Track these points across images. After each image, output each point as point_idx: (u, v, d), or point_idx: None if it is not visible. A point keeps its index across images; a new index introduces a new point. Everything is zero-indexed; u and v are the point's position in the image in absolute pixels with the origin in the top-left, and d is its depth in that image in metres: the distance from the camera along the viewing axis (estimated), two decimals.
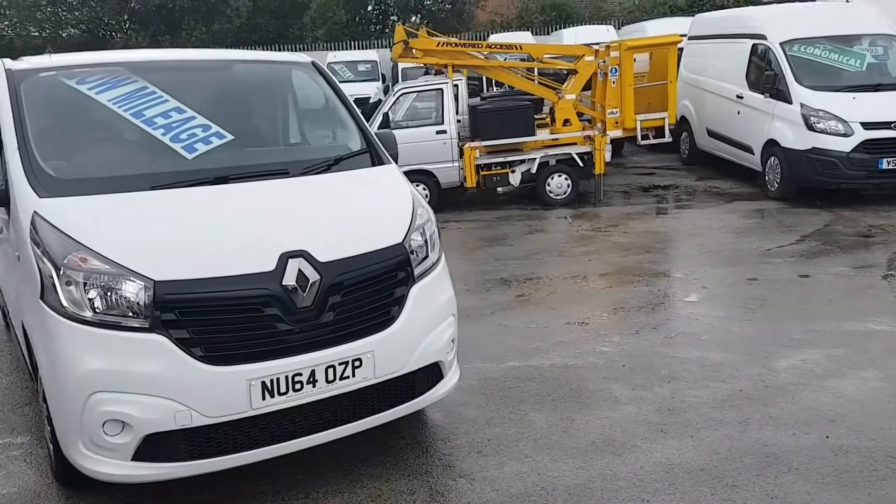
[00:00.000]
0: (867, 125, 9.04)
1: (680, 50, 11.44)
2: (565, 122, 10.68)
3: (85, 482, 3.39)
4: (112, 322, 3.13)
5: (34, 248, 3.31)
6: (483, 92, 13.42)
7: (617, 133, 10.84)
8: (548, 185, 10.60)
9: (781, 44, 10.00)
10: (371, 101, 17.98)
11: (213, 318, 3.20)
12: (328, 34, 27.99)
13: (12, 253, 3.70)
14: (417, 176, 10.43)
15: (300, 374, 3.29)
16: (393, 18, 30.24)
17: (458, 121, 10.82)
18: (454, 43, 11.32)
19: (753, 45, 10.61)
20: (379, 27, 30.62)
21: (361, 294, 3.48)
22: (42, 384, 3.46)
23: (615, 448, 3.94)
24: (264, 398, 3.23)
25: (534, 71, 11.94)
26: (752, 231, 8.59)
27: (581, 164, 10.48)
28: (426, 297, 3.73)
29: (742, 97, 10.76)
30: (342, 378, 3.39)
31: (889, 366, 4.77)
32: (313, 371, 3.32)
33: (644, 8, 28.31)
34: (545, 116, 11.42)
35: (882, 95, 9.37)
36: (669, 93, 10.93)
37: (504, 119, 10.30)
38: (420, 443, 4.11)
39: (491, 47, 12.38)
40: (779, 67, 9.90)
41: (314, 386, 3.33)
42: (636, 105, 10.81)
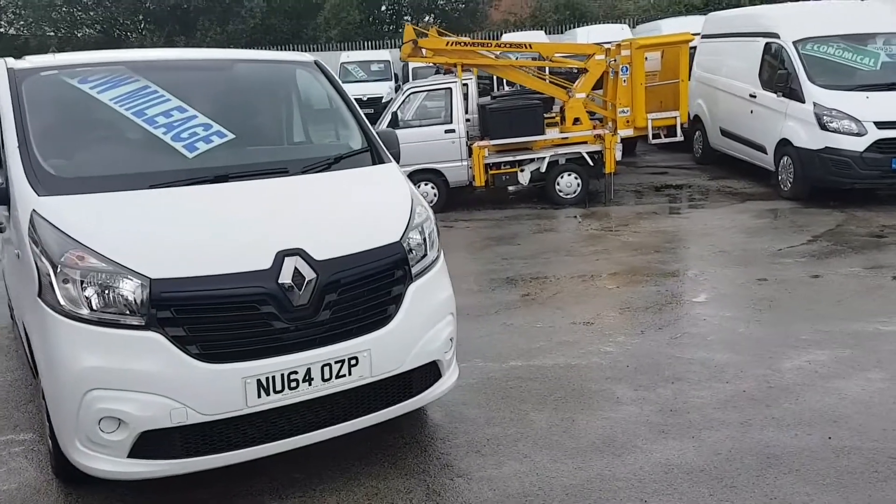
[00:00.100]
0: (881, 124, 8.93)
1: (692, 49, 11.36)
2: (575, 121, 10.64)
3: (84, 479, 3.40)
4: (109, 320, 3.14)
5: (32, 247, 3.33)
6: (493, 91, 13.41)
7: (628, 132, 10.78)
8: (557, 184, 10.55)
9: (794, 42, 9.91)
10: (383, 101, 18.08)
11: (209, 316, 3.20)
12: (342, 34, 28.08)
13: (14, 251, 3.74)
14: (426, 175, 10.46)
15: (296, 372, 3.29)
16: (406, 18, 30.30)
17: (468, 120, 10.80)
18: (463, 42, 11.31)
19: (766, 44, 10.52)
20: (392, 27, 30.69)
21: (358, 292, 3.47)
22: (41, 381, 3.48)
23: (615, 448, 3.92)
24: (260, 396, 3.23)
25: (545, 70, 11.90)
26: (764, 231, 8.52)
27: (591, 163, 10.43)
28: (424, 296, 3.72)
29: (755, 96, 10.66)
30: (338, 376, 3.39)
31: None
32: (309, 369, 3.32)
33: (659, 6, 28.12)
34: (555, 115, 11.38)
35: None
36: (681, 92, 10.85)
37: (513, 118, 10.26)
38: (419, 442, 4.10)
39: (501, 46, 12.35)
40: (792, 66, 9.81)
41: (310, 384, 3.33)
42: (648, 104, 10.74)
